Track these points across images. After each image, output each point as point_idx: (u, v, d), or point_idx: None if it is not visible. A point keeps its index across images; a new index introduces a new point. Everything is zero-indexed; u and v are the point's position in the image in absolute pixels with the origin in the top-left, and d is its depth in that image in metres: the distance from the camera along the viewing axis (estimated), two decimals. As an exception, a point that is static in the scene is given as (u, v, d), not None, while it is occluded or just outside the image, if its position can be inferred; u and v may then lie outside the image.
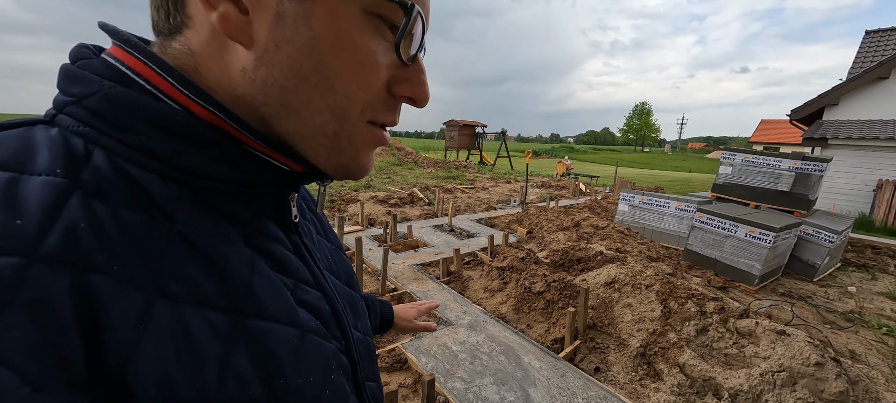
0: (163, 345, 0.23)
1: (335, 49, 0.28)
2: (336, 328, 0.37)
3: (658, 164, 36.46)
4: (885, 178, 8.06)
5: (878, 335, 3.19)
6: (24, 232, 0.20)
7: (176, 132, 0.27)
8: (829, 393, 1.85)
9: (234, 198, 0.31)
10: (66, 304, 0.20)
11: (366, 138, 0.32)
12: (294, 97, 0.29)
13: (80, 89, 0.26)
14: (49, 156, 0.23)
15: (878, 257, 5.41)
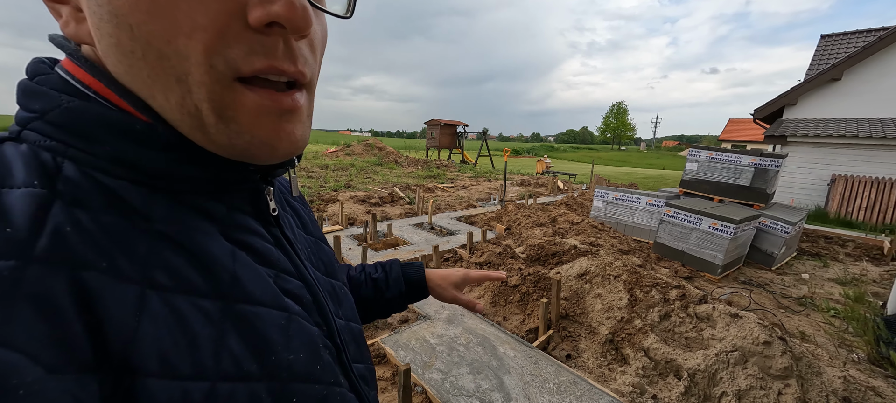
0: (159, 330, 0.24)
1: (133, 1, 0.24)
2: (318, 315, 0.38)
3: (634, 162, 37.60)
4: (838, 173, 8.63)
5: (826, 317, 3.45)
6: (15, 238, 0.21)
7: (137, 139, 0.27)
8: (775, 369, 2.01)
9: (206, 195, 0.31)
10: (64, 297, 0.21)
11: (242, 104, 0.27)
12: (138, 82, 0.26)
13: (41, 105, 0.27)
14: (24, 170, 0.24)
15: (830, 246, 5.81)
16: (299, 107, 0.30)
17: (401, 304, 0.70)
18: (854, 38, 11.74)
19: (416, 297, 0.71)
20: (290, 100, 0.29)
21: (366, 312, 0.68)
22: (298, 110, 0.30)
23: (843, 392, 2.06)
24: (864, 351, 2.87)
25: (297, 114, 0.30)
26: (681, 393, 2.00)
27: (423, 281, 0.70)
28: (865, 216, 8.00)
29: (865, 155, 8.34)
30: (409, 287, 0.69)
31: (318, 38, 0.31)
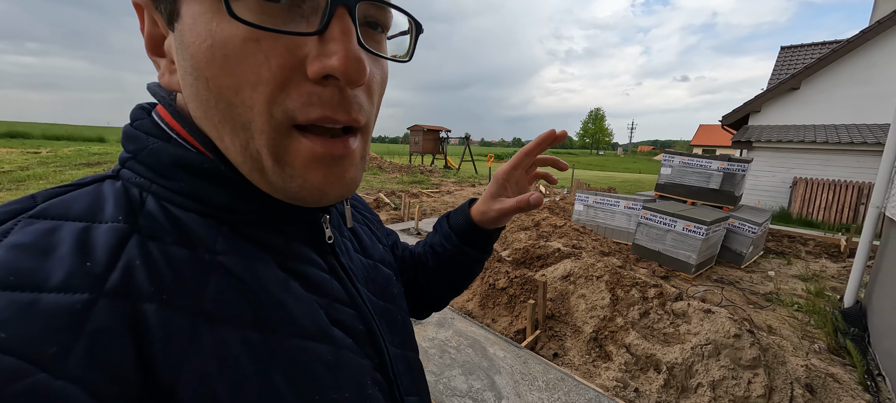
0: (207, 363, 0.25)
1: (207, 59, 0.26)
2: (370, 346, 0.37)
3: (611, 166, 38.71)
4: (799, 176, 9.20)
5: (790, 311, 3.69)
6: (92, 272, 0.23)
7: (204, 176, 0.30)
8: (745, 359, 2.16)
9: (264, 228, 0.33)
10: (124, 331, 0.23)
11: (297, 152, 0.28)
12: (210, 126, 0.29)
13: (135, 146, 0.31)
14: (113, 206, 0.27)
15: (793, 245, 6.19)
16: (351, 151, 0.31)
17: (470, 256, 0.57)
18: (811, 49, 12.58)
19: (476, 244, 0.57)
20: (342, 147, 0.30)
21: (444, 283, 0.61)
22: (350, 155, 0.31)
23: (805, 379, 2.23)
24: (824, 342, 3.09)
25: (349, 159, 0.31)
26: (660, 386, 2.12)
27: (469, 220, 0.56)
28: (824, 216, 8.56)
29: (823, 159, 8.93)
30: (459, 234, 0.57)
31: (377, 82, 0.32)
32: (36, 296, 0.21)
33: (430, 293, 0.62)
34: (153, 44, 0.31)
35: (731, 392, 2.07)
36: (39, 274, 0.22)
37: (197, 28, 0.26)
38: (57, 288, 0.22)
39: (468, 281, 0.62)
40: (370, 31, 0.31)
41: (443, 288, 0.62)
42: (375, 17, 0.30)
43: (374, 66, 0.31)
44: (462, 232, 0.57)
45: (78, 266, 0.23)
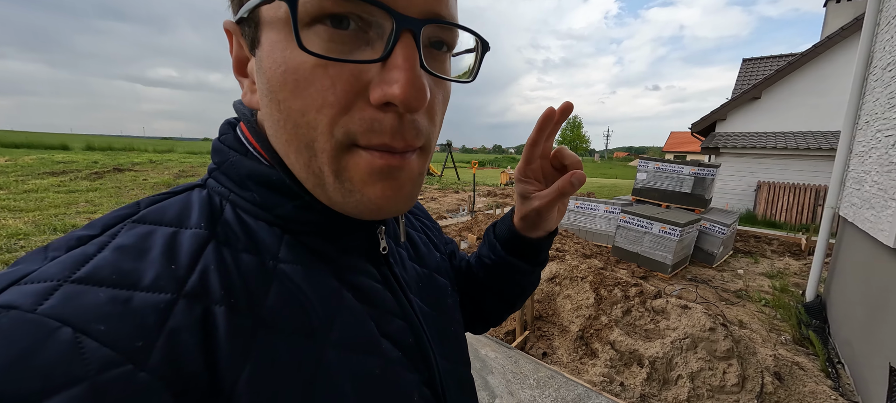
0: (262, 369, 0.26)
1: (280, 83, 0.28)
2: (419, 359, 0.38)
3: (589, 172, 39.78)
4: (762, 180, 9.77)
5: (759, 306, 3.92)
6: (175, 275, 0.26)
7: (273, 188, 0.32)
8: (720, 351, 2.30)
9: (323, 238, 0.35)
10: (197, 330, 0.25)
11: (357, 169, 0.29)
12: (279, 143, 0.31)
13: (219, 159, 0.34)
14: (198, 213, 0.30)
15: (759, 244, 6.56)
16: (409, 166, 0.31)
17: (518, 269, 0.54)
18: (770, 61, 13.46)
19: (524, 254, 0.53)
20: (399, 159, 0.30)
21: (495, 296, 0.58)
22: (408, 169, 0.31)
23: (774, 368, 2.39)
24: (789, 334, 3.31)
25: (406, 173, 0.31)
26: (644, 379, 2.22)
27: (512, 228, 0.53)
28: (786, 217, 9.12)
29: (783, 163, 9.54)
30: (505, 244, 0.54)
31: (439, 103, 0.33)
32: (131, 294, 0.24)
33: (483, 307, 0.60)
34: (239, 65, 0.33)
35: (708, 383, 2.19)
36: (135, 274, 0.25)
37: (273, 54, 0.28)
38: (147, 288, 0.24)
39: (521, 296, 0.59)
40: (434, 51, 0.31)
41: (495, 302, 0.59)
42: (441, 37, 0.31)
43: (436, 86, 0.32)
44: (505, 241, 0.54)
45: (165, 268, 0.26)
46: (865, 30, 3.07)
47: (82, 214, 6.13)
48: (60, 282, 0.23)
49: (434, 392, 0.38)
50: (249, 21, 0.29)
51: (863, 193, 2.70)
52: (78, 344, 0.20)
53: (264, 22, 0.28)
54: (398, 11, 0.26)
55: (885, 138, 2.40)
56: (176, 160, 18.36)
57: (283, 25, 0.27)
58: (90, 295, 0.23)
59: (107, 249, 0.25)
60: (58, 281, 0.23)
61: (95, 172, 10.90)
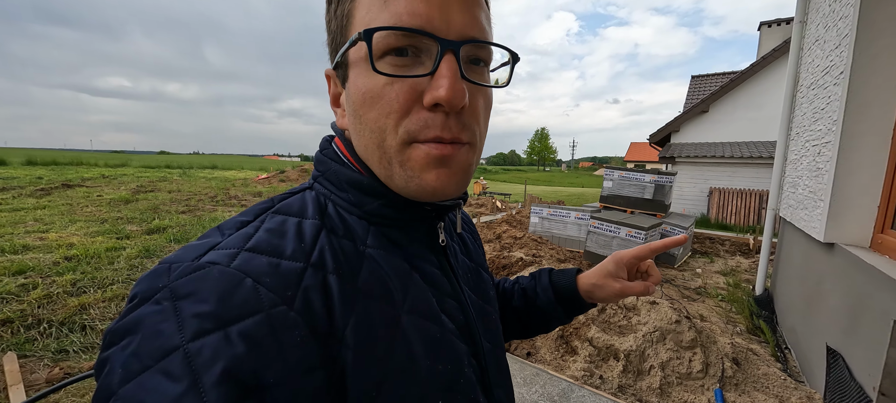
0: (360, 322, 0.35)
1: (361, 103, 0.37)
2: (468, 335, 0.45)
3: (558, 182, 41.16)
4: (714, 186, 10.61)
5: (716, 301, 4.27)
6: (304, 250, 0.35)
7: (364, 191, 0.41)
8: (685, 341, 2.52)
9: (398, 229, 0.43)
10: (320, 289, 0.34)
11: (416, 159, 0.37)
12: (362, 149, 0.40)
13: (321, 168, 0.44)
14: (312, 208, 0.40)
15: (714, 245, 7.11)
16: (458, 156, 0.38)
17: (556, 314, 0.66)
18: (716, 78, 14.73)
19: (571, 305, 0.65)
20: (450, 149, 0.37)
21: (521, 324, 0.68)
22: (457, 158, 0.38)
23: (732, 354, 2.64)
24: (743, 324, 3.64)
25: (456, 162, 0.38)
26: (620, 371, 2.39)
27: (573, 286, 0.64)
28: (735, 220, 9.93)
29: (730, 171, 10.42)
30: (558, 293, 0.65)
31: (481, 107, 0.40)
32: (279, 261, 0.33)
33: (504, 326, 0.67)
34: (334, 99, 0.44)
35: (677, 371, 2.39)
36: (280, 248, 0.35)
37: (357, 83, 0.38)
38: (289, 258, 0.34)
39: (541, 333, 0.69)
40: (473, 66, 0.38)
41: (516, 327, 0.69)
42: (477, 54, 0.38)
43: (477, 93, 0.39)
44: (561, 292, 0.64)
45: (297, 245, 0.36)
46: (792, 53, 3.52)
47: (33, 233, 5.65)
48: (239, 250, 0.33)
49: (480, 364, 0.45)
50: (342, 65, 0.40)
51: (797, 196, 3.07)
52: (257, 289, 0.30)
53: (351, 63, 0.39)
54: (441, 37, 0.35)
55: (812, 147, 2.77)
56: (131, 175, 17.18)
57: (363, 61, 0.37)
58: (257, 259, 0.33)
59: (260, 230, 0.36)
60: (237, 249, 0.33)
61: (41, 188, 10.03)
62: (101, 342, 0.31)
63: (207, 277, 0.30)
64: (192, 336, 0.27)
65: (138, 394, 0.25)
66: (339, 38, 0.39)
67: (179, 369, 0.26)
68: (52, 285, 3.74)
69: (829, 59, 2.55)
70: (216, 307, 0.28)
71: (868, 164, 2.11)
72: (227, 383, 0.26)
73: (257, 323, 0.29)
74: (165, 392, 0.25)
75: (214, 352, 0.26)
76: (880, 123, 2.06)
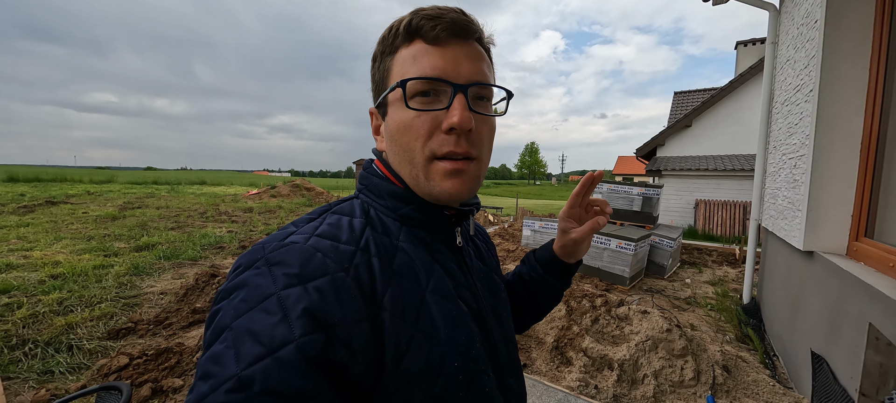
0: (394, 293, 0.45)
1: (397, 131, 0.50)
2: (480, 320, 0.54)
3: (548, 195, 41.55)
4: (699, 198, 10.88)
5: (705, 310, 4.36)
6: (354, 239, 0.47)
7: (399, 198, 0.53)
8: (676, 349, 2.58)
9: (425, 229, 0.54)
10: (367, 268, 0.45)
11: (436, 171, 0.49)
12: (397, 164, 0.53)
13: (365, 183, 0.57)
14: (360, 211, 0.53)
15: (701, 256, 7.26)
16: (468, 169, 0.50)
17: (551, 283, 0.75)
18: (697, 94, 15.25)
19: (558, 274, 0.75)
20: (462, 164, 0.49)
21: (530, 307, 0.79)
22: (468, 171, 0.50)
23: (722, 362, 2.70)
24: (732, 333, 3.72)
25: (467, 174, 0.50)
26: (615, 381, 2.43)
27: (551, 254, 0.74)
28: (721, 231, 10.17)
29: (715, 183, 10.72)
30: (544, 266, 0.75)
31: (486, 132, 0.52)
32: (337, 244, 0.46)
33: (518, 316, 0.79)
34: (375, 130, 0.58)
35: (669, 379, 2.44)
36: (338, 235, 0.47)
37: (394, 117, 0.51)
38: (345, 242, 0.47)
39: (549, 307, 0.79)
40: (478, 101, 0.51)
41: (528, 311, 0.79)
42: (481, 93, 0.51)
43: (482, 122, 0.51)
44: (545, 263, 0.75)
45: (350, 235, 0.48)
46: (766, 71, 3.72)
47: (16, 251, 5.50)
48: (311, 235, 0.46)
49: (490, 346, 0.54)
50: (383, 105, 0.53)
51: (777, 206, 3.20)
52: (325, 260, 0.43)
53: (390, 103, 0.51)
54: (454, 82, 0.48)
55: (788, 160, 2.91)
56: (118, 191, 16.84)
57: (399, 101, 0.49)
58: (324, 242, 0.45)
59: (324, 224, 0.49)
60: (309, 235, 0.46)
61: (24, 206, 9.76)
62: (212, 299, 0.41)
63: (292, 250, 0.42)
64: (283, 287, 0.39)
65: (246, 324, 0.36)
66: (382, 86, 0.52)
67: (275, 307, 0.37)
68: (38, 304, 3.64)
69: (799, 78, 2.71)
70: (299, 270, 0.40)
71: (840, 176, 2.24)
72: (306, 317, 0.37)
73: (326, 282, 0.40)
74: (265, 322, 0.36)
75: (298, 297, 0.38)
76: (849, 138, 2.20)
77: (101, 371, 2.63)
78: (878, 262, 1.84)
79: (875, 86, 2.06)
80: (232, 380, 0.33)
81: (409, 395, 0.42)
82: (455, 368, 0.46)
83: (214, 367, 0.35)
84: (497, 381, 0.53)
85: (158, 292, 4.26)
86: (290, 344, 0.35)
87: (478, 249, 0.66)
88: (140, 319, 3.46)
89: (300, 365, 0.35)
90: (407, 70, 0.48)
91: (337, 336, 0.38)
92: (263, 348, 0.35)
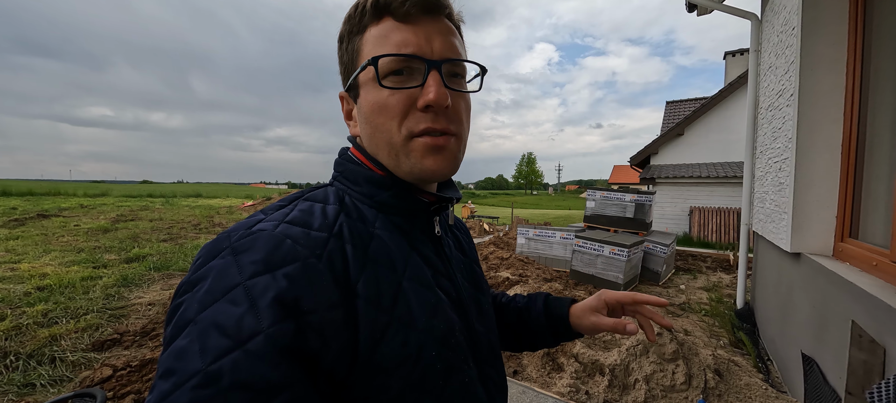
0: (369, 279, 0.43)
1: (372, 112, 0.48)
2: (460, 309, 0.52)
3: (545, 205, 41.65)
4: (693, 205, 10.94)
5: (700, 316, 4.35)
6: (327, 224, 0.45)
7: (376, 184, 0.51)
8: (668, 353, 2.56)
9: (403, 217, 0.52)
10: (341, 255, 0.43)
11: (415, 148, 0.47)
12: (374, 148, 0.51)
13: (340, 169, 0.55)
14: (334, 198, 0.50)
15: (696, 262, 7.27)
16: (448, 144, 0.49)
17: (545, 338, 0.74)
18: (688, 103, 15.47)
19: (561, 333, 0.72)
20: (442, 140, 0.48)
21: (511, 339, 0.77)
22: (448, 146, 0.49)
23: (714, 366, 2.68)
24: (726, 338, 3.70)
25: (447, 150, 0.49)
26: (606, 386, 2.41)
27: (565, 317, 0.71)
28: (715, 237, 10.20)
29: (708, 190, 10.80)
30: (551, 320, 0.72)
31: (463, 108, 0.51)
32: (308, 231, 0.43)
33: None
34: (347, 114, 0.55)
35: (660, 383, 2.42)
36: (310, 222, 0.45)
37: (367, 98, 0.49)
38: (317, 229, 0.44)
39: (526, 348, 0.78)
40: (453, 78, 0.50)
41: (509, 339, 0.77)
42: (455, 69, 0.50)
43: (458, 97, 0.50)
44: (553, 318, 0.72)
45: (323, 221, 0.46)
46: (750, 78, 3.79)
47: (3, 264, 5.43)
48: (280, 222, 0.43)
49: (470, 336, 0.53)
50: (353, 87, 0.51)
51: (765, 210, 3.22)
52: (295, 247, 0.40)
53: (361, 84, 0.50)
54: (427, 58, 0.46)
55: (773, 164, 2.94)
56: (111, 204, 16.72)
57: (372, 81, 0.48)
58: (293, 228, 0.43)
59: (295, 210, 0.47)
60: (278, 222, 0.44)
61: (15, 219, 9.66)
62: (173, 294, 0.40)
63: (259, 238, 0.40)
64: (249, 276, 0.37)
65: (211, 316, 0.35)
66: (351, 67, 0.51)
67: (241, 297, 0.35)
68: (22, 316, 3.58)
69: (781, 84, 2.77)
70: (266, 256, 0.38)
71: (823, 178, 2.27)
72: (275, 305, 0.35)
73: (296, 268, 0.39)
74: (231, 313, 0.35)
75: (266, 286, 0.36)
76: (830, 140, 2.23)
77: (84, 382, 2.57)
78: (863, 262, 1.85)
79: (853, 89, 2.10)
80: (198, 376, 0.32)
81: (385, 383, 0.41)
82: (433, 357, 0.45)
83: (177, 363, 0.33)
84: (477, 371, 0.52)
85: (146, 303, 4.20)
86: (258, 335, 0.34)
87: (458, 240, 0.65)
88: (126, 330, 3.41)
89: (270, 356, 0.33)
90: (377, 48, 0.46)
91: (308, 324, 0.36)
92: (230, 340, 0.33)
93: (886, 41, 1.86)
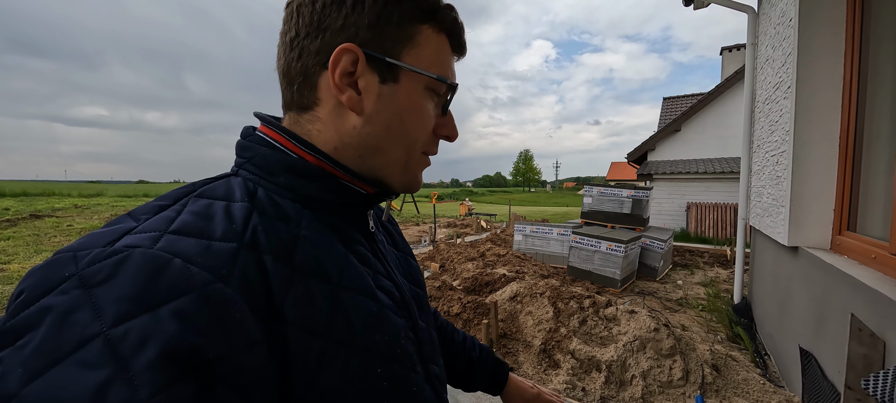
0: (298, 298, 0.35)
1: (410, 112, 0.44)
2: (405, 310, 0.48)
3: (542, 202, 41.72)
4: (691, 201, 10.95)
5: (697, 312, 4.34)
6: (236, 231, 0.35)
7: (298, 173, 0.42)
8: (665, 349, 2.54)
9: (333, 214, 0.44)
10: (255, 269, 0.33)
11: (421, 163, 0.48)
12: (384, 142, 0.44)
13: (247, 154, 0.43)
14: (241, 192, 0.39)
15: (693, 258, 7.27)
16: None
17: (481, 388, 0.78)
18: (685, 99, 15.47)
19: (492, 390, 0.78)
20: (429, 161, 0.51)
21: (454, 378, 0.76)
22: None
23: (712, 361, 2.66)
24: (723, 333, 3.69)
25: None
26: (603, 383, 2.38)
27: (502, 382, 0.78)
28: (713, 232, 10.21)
29: (705, 186, 10.80)
30: (492, 379, 0.78)
31: None
32: (210, 242, 0.33)
33: None
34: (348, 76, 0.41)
35: (658, 379, 2.40)
36: (209, 229, 0.34)
37: (412, 96, 0.44)
38: (220, 239, 0.34)
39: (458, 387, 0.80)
40: None
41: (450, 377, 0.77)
42: None
43: None
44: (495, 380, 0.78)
45: (228, 226, 0.35)
46: (747, 72, 3.76)
47: (-9, 266, 5.35)
48: (162, 233, 0.32)
49: (416, 336, 0.48)
50: (390, 67, 0.42)
51: (763, 204, 3.20)
52: (188, 269, 0.30)
53: (406, 75, 0.44)
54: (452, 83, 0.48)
55: (771, 158, 2.92)
56: (105, 204, 16.57)
57: (427, 88, 0.45)
58: (184, 241, 0.32)
59: (184, 213, 0.35)
60: (159, 232, 0.32)
61: (7, 220, 9.55)
62: None
63: (127, 260, 0.28)
64: (113, 322, 0.25)
65: (47, 391, 0.22)
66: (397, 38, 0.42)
67: (99, 356, 0.24)
68: (10, 318, 3.52)
69: (778, 76, 2.73)
70: (141, 290, 0.27)
71: (820, 170, 2.24)
72: (161, 363, 0.24)
73: (191, 301, 0.28)
74: (84, 383, 0.23)
75: (143, 334, 0.25)
76: (827, 132, 2.20)
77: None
78: (861, 255, 1.83)
79: (850, 80, 2.07)
80: None
81: None
82: (378, 375, 0.39)
83: None
84: (424, 372, 0.47)
85: (139, 303, 4.15)
86: None
87: (389, 233, 0.61)
88: (117, 331, 3.36)
89: None
90: (438, 61, 0.45)
91: (218, 377, 0.27)
92: None
93: (885, 29, 1.83)
